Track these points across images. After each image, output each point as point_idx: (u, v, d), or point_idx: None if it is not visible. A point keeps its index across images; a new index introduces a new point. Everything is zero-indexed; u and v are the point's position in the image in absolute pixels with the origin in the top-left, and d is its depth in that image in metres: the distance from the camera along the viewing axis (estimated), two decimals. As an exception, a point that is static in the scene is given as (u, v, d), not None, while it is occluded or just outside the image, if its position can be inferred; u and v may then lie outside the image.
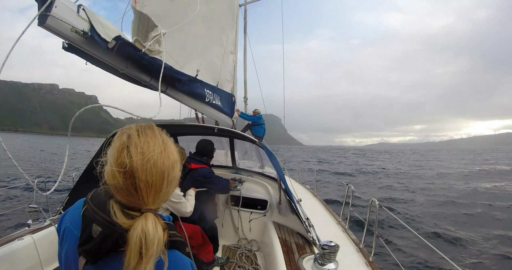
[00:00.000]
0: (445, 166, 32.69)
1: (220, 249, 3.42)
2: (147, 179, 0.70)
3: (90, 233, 0.74)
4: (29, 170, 18.93)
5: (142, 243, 0.67)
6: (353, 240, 2.81)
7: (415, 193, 13.54)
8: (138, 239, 0.67)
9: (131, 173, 0.70)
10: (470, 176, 21.76)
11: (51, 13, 1.53)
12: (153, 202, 0.74)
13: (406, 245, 6.44)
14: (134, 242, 0.67)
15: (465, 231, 7.68)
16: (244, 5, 6.30)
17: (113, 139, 0.77)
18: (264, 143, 3.10)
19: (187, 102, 3.06)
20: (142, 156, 0.71)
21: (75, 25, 1.69)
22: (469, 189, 14.84)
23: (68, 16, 1.66)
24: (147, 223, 0.69)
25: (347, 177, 20.38)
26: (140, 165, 0.70)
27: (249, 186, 4.11)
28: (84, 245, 0.75)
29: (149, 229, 0.69)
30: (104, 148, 2.47)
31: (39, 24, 1.56)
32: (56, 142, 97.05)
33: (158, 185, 0.73)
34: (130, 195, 0.71)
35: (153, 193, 0.73)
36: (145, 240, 0.67)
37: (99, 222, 0.74)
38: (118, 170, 0.70)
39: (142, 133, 0.75)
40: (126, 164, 0.70)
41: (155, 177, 0.72)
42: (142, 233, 0.67)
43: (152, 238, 0.67)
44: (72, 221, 0.85)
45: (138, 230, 0.68)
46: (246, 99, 6.28)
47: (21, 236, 2.47)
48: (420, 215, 9.32)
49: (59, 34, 1.69)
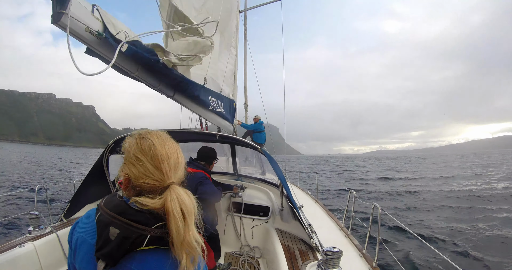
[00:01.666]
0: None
1: (223, 256, 3.39)
2: (166, 152, 0.83)
3: (107, 236, 0.75)
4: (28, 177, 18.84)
5: (182, 206, 0.74)
6: (356, 246, 2.81)
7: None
8: (178, 205, 0.73)
9: (154, 153, 0.81)
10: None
11: (66, 11, 1.53)
12: (174, 175, 0.83)
13: (410, 250, 6.40)
14: (176, 210, 0.73)
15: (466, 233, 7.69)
16: (244, 11, 6.44)
17: (123, 144, 0.88)
18: (265, 149, 3.12)
19: (193, 108, 3.14)
20: (159, 138, 0.86)
21: (89, 24, 1.70)
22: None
23: (83, 15, 1.67)
24: (179, 192, 0.78)
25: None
26: (159, 143, 0.84)
27: (251, 192, 4.11)
28: (102, 249, 0.76)
29: (183, 195, 0.77)
30: (105, 154, 2.52)
31: (53, 22, 1.56)
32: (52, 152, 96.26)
33: (175, 157, 0.85)
34: (155, 172, 0.80)
35: (173, 166, 0.83)
36: (185, 206, 0.74)
37: (116, 225, 0.76)
38: (142, 153, 0.82)
39: (148, 132, 0.89)
40: (148, 145, 0.83)
41: (172, 150, 0.85)
42: (179, 200, 0.74)
43: (189, 203, 0.76)
44: (85, 230, 0.87)
45: (174, 198, 0.75)
46: (246, 106, 6.32)
47: (22, 243, 2.45)
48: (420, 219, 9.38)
49: (73, 33, 1.67)
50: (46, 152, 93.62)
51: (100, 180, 3.23)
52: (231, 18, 4.60)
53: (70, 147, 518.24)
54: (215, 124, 3.93)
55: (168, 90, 2.68)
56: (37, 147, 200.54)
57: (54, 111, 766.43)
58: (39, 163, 34.48)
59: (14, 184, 14.84)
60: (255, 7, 6.82)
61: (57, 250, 2.63)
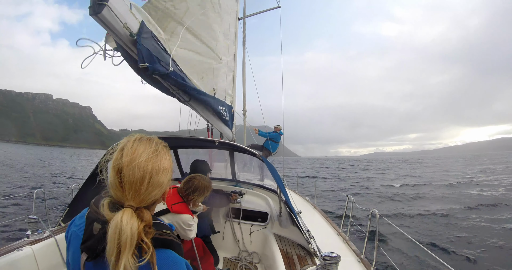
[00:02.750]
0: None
1: (221, 262, 3.39)
2: (129, 177, 0.81)
3: (91, 231, 0.82)
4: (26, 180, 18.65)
5: (115, 235, 0.73)
6: (354, 251, 2.82)
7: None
8: (112, 231, 0.74)
9: (119, 170, 0.82)
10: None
11: (108, 3, 1.45)
12: (132, 199, 0.83)
13: (408, 255, 6.44)
14: (109, 234, 0.74)
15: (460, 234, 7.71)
16: (243, 18, 6.47)
17: (117, 144, 0.91)
18: (262, 156, 3.14)
19: (205, 114, 3.27)
20: (129, 157, 0.83)
21: (127, 21, 1.62)
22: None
23: (123, 10, 1.59)
24: (122, 216, 0.76)
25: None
26: (126, 165, 0.82)
27: (249, 198, 4.12)
28: (86, 242, 0.83)
29: (123, 220, 0.75)
30: (104, 161, 2.51)
31: (91, 14, 1.46)
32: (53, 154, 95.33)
33: (138, 184, 0.82)
34: (117, 189, 0.83)
35: (133, 191, 0.82)
36: (119, 232, 0.73)
37: (99, 221, 0.82)
38: (113, 167, 0.84)
39: (138, 141, 0.89)
40: (117, 162, 0.83)
41: (136, 177, 0.82)
42: (115, 225, 0.74)
43: (124, 229, 0.74)
44: (78, 225, 0.93)
45: (113, 222, 0.75)
46: (245, 112, 6.34)
47: (20, 247, 2.43)
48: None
49: (110, 29, 1.60)
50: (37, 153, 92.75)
51: (99, 184, 3.22)
52: (230, 26, 4.66)
53: (66, 148, 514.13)
54: (219, 131, 3.97)
55: (185, 96, 2.78)
56: (33, 148, 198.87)
57: (51, 111, 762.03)
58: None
59: (14, 187, 14.79)
60: (254, 14, 6.87)
61: (55, 255, 2.62)
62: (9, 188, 14.63)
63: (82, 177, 18.82)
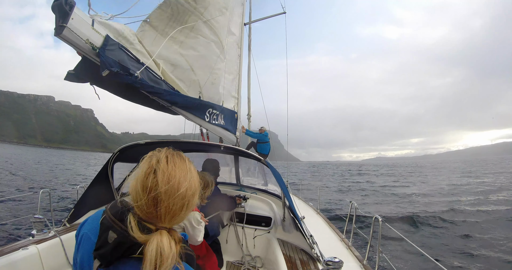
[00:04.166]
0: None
1: (225, 265, 3.40)
2: (169, 205, 0.79)
3: (106, 239, 0.82)
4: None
5: (157, 258, 0.73)
6: (356, 257, 2.83)
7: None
8: (154, 253, 0.74)
9: (155, 196, 0.78)
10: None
11: (68, 24, 1.64)
12: (168, 223, 0.82)
13: (410, 261, 6.42)
14: (150, 256, 0.73)
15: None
16: (248, 24, 6.56)
17: (142, 160, 0.86)
18: (267, 161, 3.16)
19: (191, 118, 3.21)
20: (167, 185, 0.79)
21: (89, 37, 1.81)
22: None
23: (84, 28, 1.77)
24: (162, 240, 0.76)
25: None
26: (164, 192, 0.78)
27: (253, 203, 4.13)
28: (99, 250, 0.83)
29: (164, 245, 0.75)
30: (110, 164, 2.57)
31: (55, 34, 1.66)
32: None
33: (177, 211, 0.81)
34: (149, 212, 0.79)
35: (171, 216, 0.81)
36: (161, 255, 0.74)
37: (115, 230, 0.82)
38: (143, 191, 0.78)
39: (170, 160, 0.84)
40: (152, 187, 0.78)
41: (177, 204, 0.80)
42: (157, 249, 0.74)
43: (167, 254, 0.75)
44: (90, 228, 0.93)
45: (154, 245, 0.75)
46: (249, 117, 6.38)
47: (26, 246, 2.46)
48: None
49: (74, 45, 1.80)
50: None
51: (105, 186, 3.26)
52: (236, 31, 4.72)
53: (67, 150, 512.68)
54: (216, 134, 3.97)
55: (165, 102, 2.72)
56: (31, 149, 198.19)
57: (53, 113, 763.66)
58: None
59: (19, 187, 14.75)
60: (260, 20, 6.96)
61: (60, 254, 2.64)
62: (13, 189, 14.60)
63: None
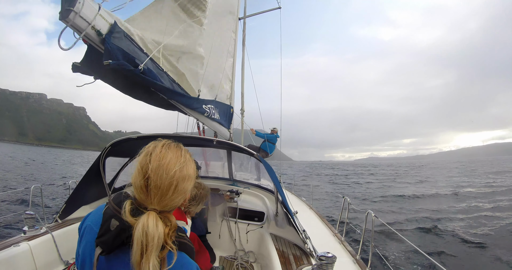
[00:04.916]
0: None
1: (217, 260, 3.40)
2: (156, 182, 0.83)
3: (108, 227, 0.85)
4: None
5: (143, 237, 0.76)
6: (349, 252, 2.86)
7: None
8: (139, 234, 0.76)
9: (146, 173, 0.84)
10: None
11: (74, 8, 1.62)
12: (157, 203, 0.85)
13: (403, 256, 6.50)
14: (136, 236, 0.76)
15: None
16: (243, 18, 6.54)
17: (143, 148, 0.92)
18: (260, 156, 3.16)
19: (189, 112, 3.19)
20: (157, 163, 0.85)
21: (96, 23, 1.78)
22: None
23: (90, 13, 1.74)
24: (148, 220, 0.79)
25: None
26: (154, 170, 0.84)
27: (246, 198, 4.14)
28: (102, 237, 0.85)
29: (149, 224, 0.77)
30: (102, 158, 2.55)
31: (60, 18, 1.63)
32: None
33: (164, 190, 0.85)
34: (142, 192, 0.85)
35: (159, 196, 0.85)
36: (146, 235, 0.76)
37: (117, 218, 0.85)
38: (139, 172, 0.86)
39: (166, 147, 0.90)
40: (145, 166, 0.85)
41: (164, 183, 0.84)
42: (142, 228, 0.77)
43: (151, 233, 0.77)
44: (93, 219, 0.96)
45: (140, 225, 0.78)
46: (243, 112, 6.39)
47: (17, 243, 2.43)
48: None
49: (79, 30, 1.76)
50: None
51: (96, 182, 3.22)
52: (230, 25, 4.71)
53: (60, 148, 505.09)
54: (211, 129, 3.98)
55: (164, 96, 2.71)
56: (25, 148, 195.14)
57: (45, 111, 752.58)
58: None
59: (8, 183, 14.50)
60: (255, 15, 6.96)
61: (52, 251, 2.61)
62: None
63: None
